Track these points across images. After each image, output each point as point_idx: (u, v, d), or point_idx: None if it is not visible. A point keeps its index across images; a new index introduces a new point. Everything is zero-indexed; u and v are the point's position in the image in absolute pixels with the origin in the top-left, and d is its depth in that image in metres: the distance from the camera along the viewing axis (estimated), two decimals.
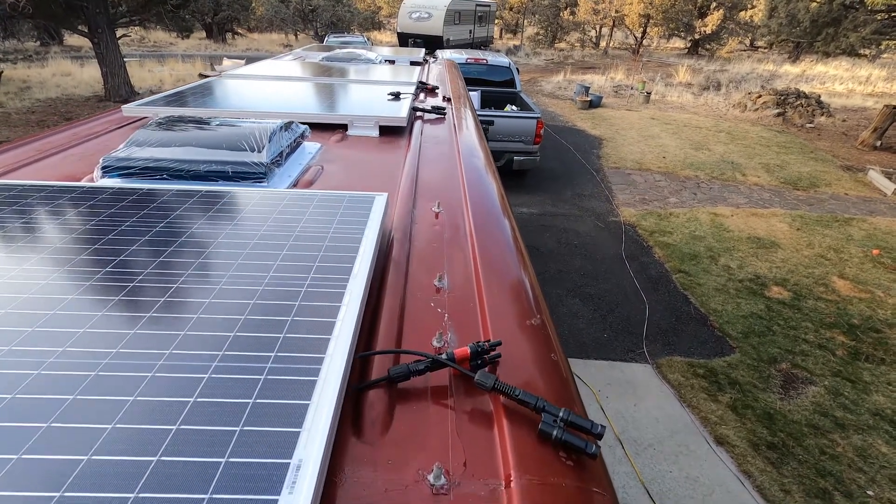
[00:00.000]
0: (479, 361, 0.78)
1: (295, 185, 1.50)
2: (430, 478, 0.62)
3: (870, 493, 3.52)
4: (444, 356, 0.76)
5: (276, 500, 0.49)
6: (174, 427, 0.56)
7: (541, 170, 8.21)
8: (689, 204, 7.42)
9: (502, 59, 8.65)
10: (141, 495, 0.49)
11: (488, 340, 0.80)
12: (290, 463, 0.53)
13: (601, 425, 0.67)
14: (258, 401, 0.61)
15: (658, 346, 4.57)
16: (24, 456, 0.52)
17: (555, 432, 0.67)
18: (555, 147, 9.75)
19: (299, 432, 0.56)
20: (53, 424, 0.56)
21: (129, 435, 0.55)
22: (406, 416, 0.72)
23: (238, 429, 0.57)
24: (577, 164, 8.95)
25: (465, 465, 0.65)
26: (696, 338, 4.75)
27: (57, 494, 0.48)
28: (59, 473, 0.50)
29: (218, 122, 1.64)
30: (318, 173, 1.63)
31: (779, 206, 7.29)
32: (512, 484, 0.62)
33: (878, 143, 9.65)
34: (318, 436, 0.56)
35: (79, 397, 0.60)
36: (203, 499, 0.49)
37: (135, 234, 0.99)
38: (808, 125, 11.61)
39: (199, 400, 0.60)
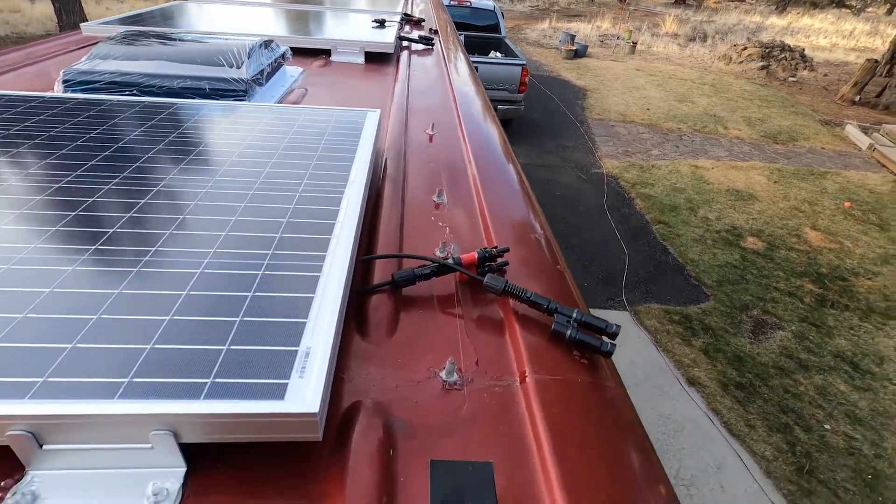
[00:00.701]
0: (486, 268, 0.75)
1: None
2: (443, 374, 0.60)
3: (827, 426, 3.75)
4: (450, 261, 0.73)
5: (286, 384, 0.45)
6: (166, 318, 0.52)
7: (524, 120, 8.06)
8: (671, 156, 7.43)
9: (487, 2, 8.27)
10: (135, 380, 0.45)
11: (495, 247, 0.76)
12: (297, 350, 0.49)
13: (616, 325, 0.65)
14: (257, 294, 0.56)
15: (637, 295, 4.67)
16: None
17: (568, 332, 0.65)
18: (539, 97, 9.55)
19: (305, 322, 0.53)
20: (30, 315, 0.51)
21: (115, 324, 0.50)
22: (413, 320, 0.68)
23: (238, 319, 0.52)
24: (561, 114, 8.81)
25: (476, 364, 0.63)
26: (673, 286, 4.87)
27: (40, 380, 0.44)
28: (41, 359, 0.46)
29: (191, 38, 1.50)
30: (302, 95, 1.53)
31: (758, 160, 7.37)
32: (527, 380, 0.60)
33: (857, 98, 9.74)
34: (324, 327, 0.52)
35: (56, 290, 0.54)
36: (205, 383, 0.45)
37: (106, 141, 0.90)
38: (791, 79, 11.61)
39: (191, 293, 0.56)
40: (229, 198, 0.75)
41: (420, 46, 2.35)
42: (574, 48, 12.76)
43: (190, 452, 0.45)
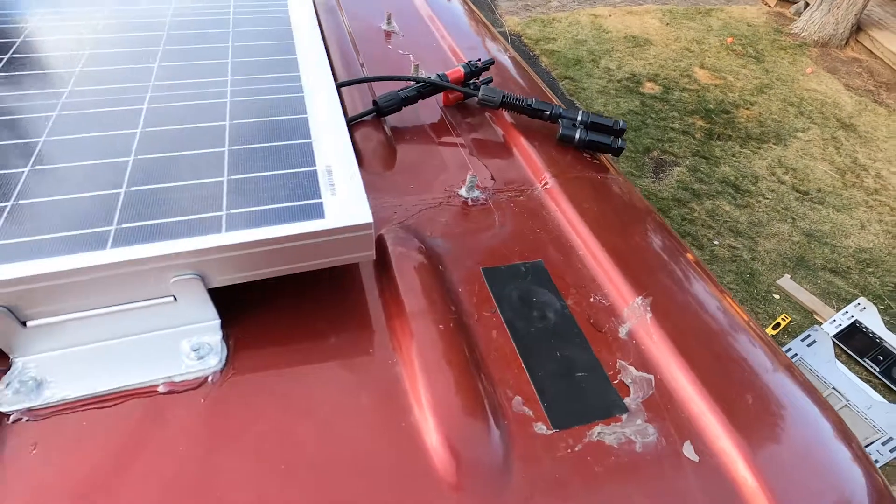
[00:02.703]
0: (472, 84, 0.68)
1: None
2: (463, 192, 0.55)
3: (716, 242, 4.35)
4: (434, 78, 0.64)
5: (320, 203, 0.38)
6: (129, 158, 0.40)
7: None
8: (570, 7, 7.27)
9: None
10: (125, 226, 0.35)
11: (479, 59, 0.68)
12: (316, 169, 0.41)
13: (622, 121, 0.63)
14: (236, 122, 0.45)
15: None
16: None
17: (577, 134, 0.61)
18: None
19: (311, 142, 0.44)
20: None
21: (57, 174, 0.38)
22: (409, 147, 0.61)
23: (225, 149, 0.42)
24: None
25: (492, 178, 0.58)
26: None
27: None
28: None
29: None
30: None
31: (651, 3, 7.44)
32: (548, 184, 0.57)
33: None
34: (335, 142, 0.44)
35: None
36: (219, 216, 0.36)
37: None
38: None
39: (147, 130, 0.43)
40: (146, 34, 0.58)
41: None
42: None
43: (217, 304, 0.38)
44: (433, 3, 0.94)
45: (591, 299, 0.46)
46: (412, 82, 0.63)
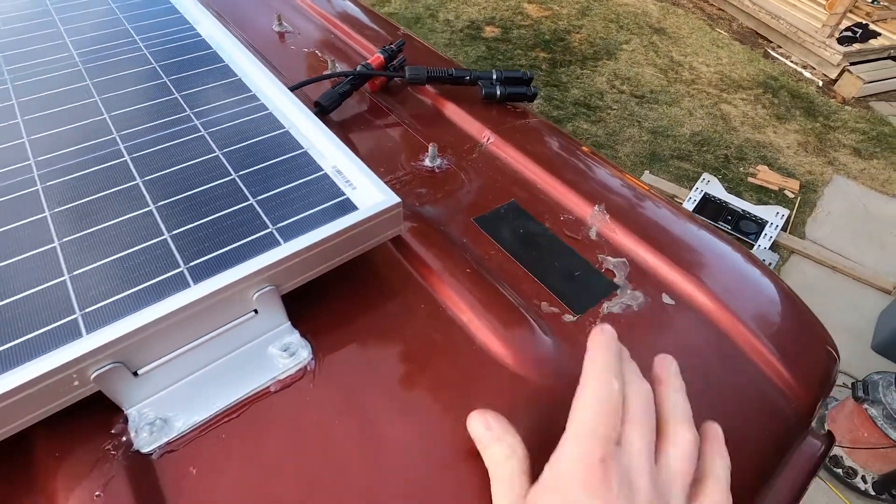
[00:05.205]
0: (392, 66, 0.74)
1: None
2: (427, 162, 0.63)
3: None
4: (359, 69, 0.70)
5: (347, 198, 0.44)
6: (151, 207, 0.43)
7: None
8: None
9: None
10: (192, 264, 0.39)
11: (391, 43, 0.74)
12: (325, 172, 0.47)
13: (528, 71, 0.74)
14: (224, 151, 0.49)
15: None
16: None
17: (497, 91, 0.72)
18: None
19: (305, 150, 0.49)
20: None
21: (93, 238, 0.40)
22: (363, 135, 0.67)
23: (234, 175, 0.46)
24: None
25: (444, 147, 0.67)
26: None
27: (76, 315, 0.35)
28: (49, 298, 0.36)
29: None
30: None
31: None
32: (490, 139, 0.67)
33: None
34: (328, 145, 0.49)
35: None
36: (270, 232, 0.41)
37: None
38: None
39: (146, 178, 0.45)
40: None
41: None
42: None
43: None
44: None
45: (562, 218, 0.58)
46: (343, 77, 0.68)
